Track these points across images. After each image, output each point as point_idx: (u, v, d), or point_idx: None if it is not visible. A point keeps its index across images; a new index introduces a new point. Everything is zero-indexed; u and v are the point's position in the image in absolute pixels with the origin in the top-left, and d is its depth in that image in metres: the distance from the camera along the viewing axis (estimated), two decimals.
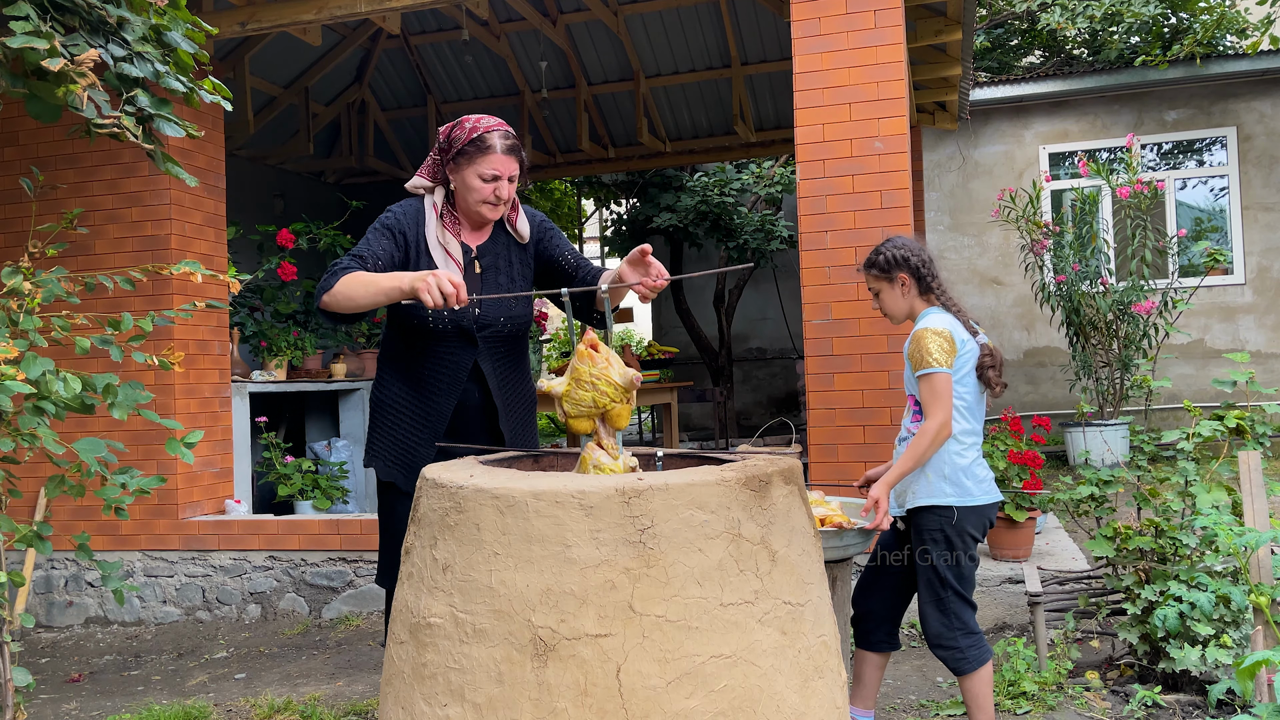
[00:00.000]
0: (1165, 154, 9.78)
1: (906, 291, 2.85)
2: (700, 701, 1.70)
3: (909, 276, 2.83)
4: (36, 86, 2.15)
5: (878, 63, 4.30)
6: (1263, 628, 2.92)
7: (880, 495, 2.62)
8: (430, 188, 2.73)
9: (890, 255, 2.84)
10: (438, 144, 2.70)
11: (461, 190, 2.64)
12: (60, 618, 5.29)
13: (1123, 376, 7.74)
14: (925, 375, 2.68)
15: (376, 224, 2.70)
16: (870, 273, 2.89)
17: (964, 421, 2.75)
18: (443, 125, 2.75)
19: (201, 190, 5.36)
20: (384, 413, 2.76)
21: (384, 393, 2.77)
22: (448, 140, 2.65)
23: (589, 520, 1.72)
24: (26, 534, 2.38)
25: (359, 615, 4.92)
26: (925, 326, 2.74)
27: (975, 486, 2.73)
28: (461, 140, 2.61)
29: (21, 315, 2.38)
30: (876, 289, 2.90)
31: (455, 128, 2.65)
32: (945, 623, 2.70)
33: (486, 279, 2.72)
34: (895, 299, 2.87)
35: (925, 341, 2.70)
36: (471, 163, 2.59)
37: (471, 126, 2.61)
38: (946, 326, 2.74)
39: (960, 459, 2.72)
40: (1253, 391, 3.51)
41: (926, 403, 2.68)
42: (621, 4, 7.90)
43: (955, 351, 2.70)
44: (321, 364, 6.71)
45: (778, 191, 10.78)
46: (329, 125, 9.28)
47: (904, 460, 2.67)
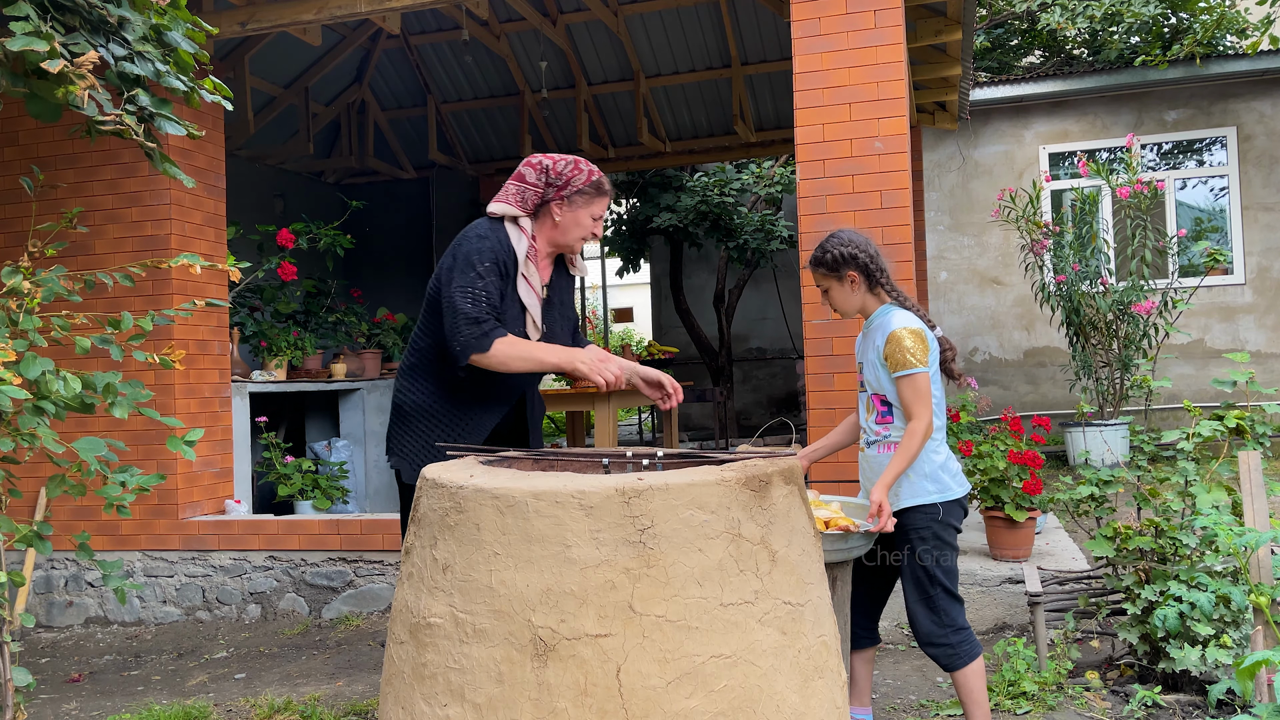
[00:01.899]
0: (1165, 154, 9.78)
1: (856, 288, 2.83)
2: (700, 701, 1.70)
3: (858, 274, 2.81)
4: (37, 86, 2.15)
5: (878, 63, 4.30)
6: (1263, 628, 2.92)
7: (882, 499, 2.63)
8: (516, 216, 2.85)
9: (837, 253, 2.81)
10: (541, 179, 2.83)
11: (567, 224, 2.84)
12: (60, 618, 5.29)
13: (1123, 376, 7.74)
14: (907, 376, 2.68)
15: (482, 259, 2.76)
16: (818, 271, 2.86)
17: (937, 418, 2.76)
18: (531, 157, 2.90)
19: (201, 190, 5.36)
20: (418, 418, 2.88)
21: (417, 397, 2.88)
22: (561, 178, 2.82)
23: (589, 520, 1.72)
24: (26, 534, 2.38)
25: (359, 615, 4.93)
26: (903, 327, 2.72)
27: (952, 480, 2.77)
28: (582, 181, 2.82)
29: (21, 315, 2.38)
30: (825, 287, 2.87)
31: (568, 168, 2.82)
32: (935, 620, 2.71)
33: (551, 310, 2.95)
34: (845, 296, 2.84)
35: (904, 342, 2.69)
36: (589, 204, 2.84)
37: (589, 170, 2.84)
38: (920, 326, 2.74)
39: (936, 456, 2.75)
40: (1253, 391, 3.51)
41: (909, 402, 2.68)
42: (621, 4, 7.90)
43: (929, 349, 2.72)
44: (321, 364, 6.71)
45: (778, 191, 10.78)
46: (329, 125, 9.28)
47: (897, 461, 2.68)
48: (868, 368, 2.83)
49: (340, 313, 7.45)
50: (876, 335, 2.79)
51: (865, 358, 2.86)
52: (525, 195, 2.85)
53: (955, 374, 2.86)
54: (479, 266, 2.72)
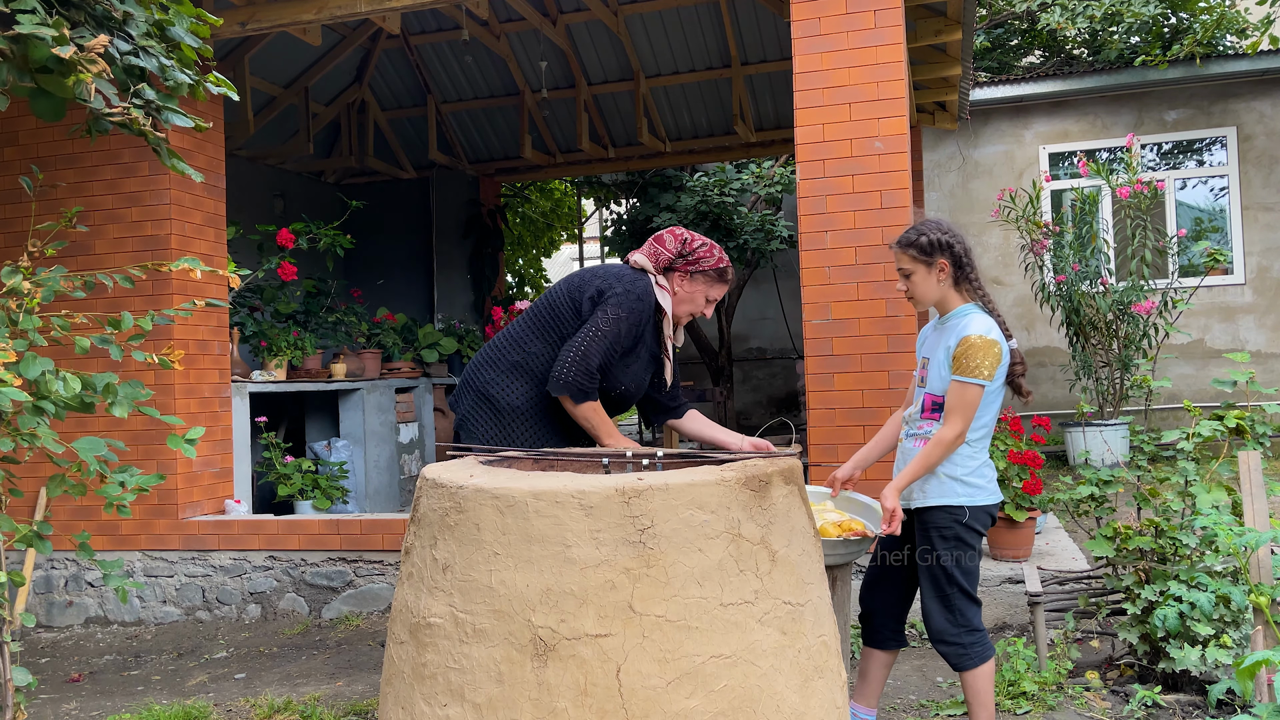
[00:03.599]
0: (1165, 154, 9.78)
1: (942, 278, 2.72)
2: (700, 701, 1.70)
3: (949, 263, 2.70)
4: (44, 80, 2.14)
5: (878, 63, 4.30)
6: (1263, 628, 2.92)
7: (894, 504, 2.61)
8: (653, 275, 3.07)
9: (934, 239, 2.69)
10: (676, 248, 3.07)
11: (684, 297, 3.09)
12: (60, 618, 5.28)
13: (1123, 376, 7.74)
14: (965, 383, 2.60)
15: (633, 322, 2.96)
16: (908, 252, 2.72)
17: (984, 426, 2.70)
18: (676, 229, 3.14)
19: (201, 190, 5.36)
20: (510, 415, 3.01)
21: (514, 398, 3.01)
22: (693, 254, 3.07)
23: (589, 520, 1.72)
24: (26, 534, 2.38)
25: (359, 615, 4.92)
26: (980, 334, 2.61)
27: (984, 486, 2.71)
28: (710, 264, 3.07)
29: (21, 315, 2.38)
30: (910, 270, 2.73)
31: (703, 248, 3.07)
32: (950, 619, 2.69)
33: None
34: (929, 285, 2.72)
35: (979, 352, 2.59)
36: (710, 285, 3.09)
37: (720, 256, 3.08)
38: (999, 339, 2.64)
39: (973, 460, 2.70)
40: (1253, 391, 3.51)
41: (951, 408, 2.62)
42: (621, 4, 7.89)
43: (999, 363, 2.62)
44: (321, 364, 6.71)
45: (778, 191, 10.78)
46: (329, 125, 9.28)
47: (916, 465, 2.65)
48: (933, 365, 2.72)
49: (340, 313, 7.46)
50: (951, 335, 2.69)
51: (932, 354, 2.75)
52: (659, 257, 3.07)
53: (1024, 391, 2.76)
54: (623, 326, 2.92)
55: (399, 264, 10.29)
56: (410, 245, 10.30)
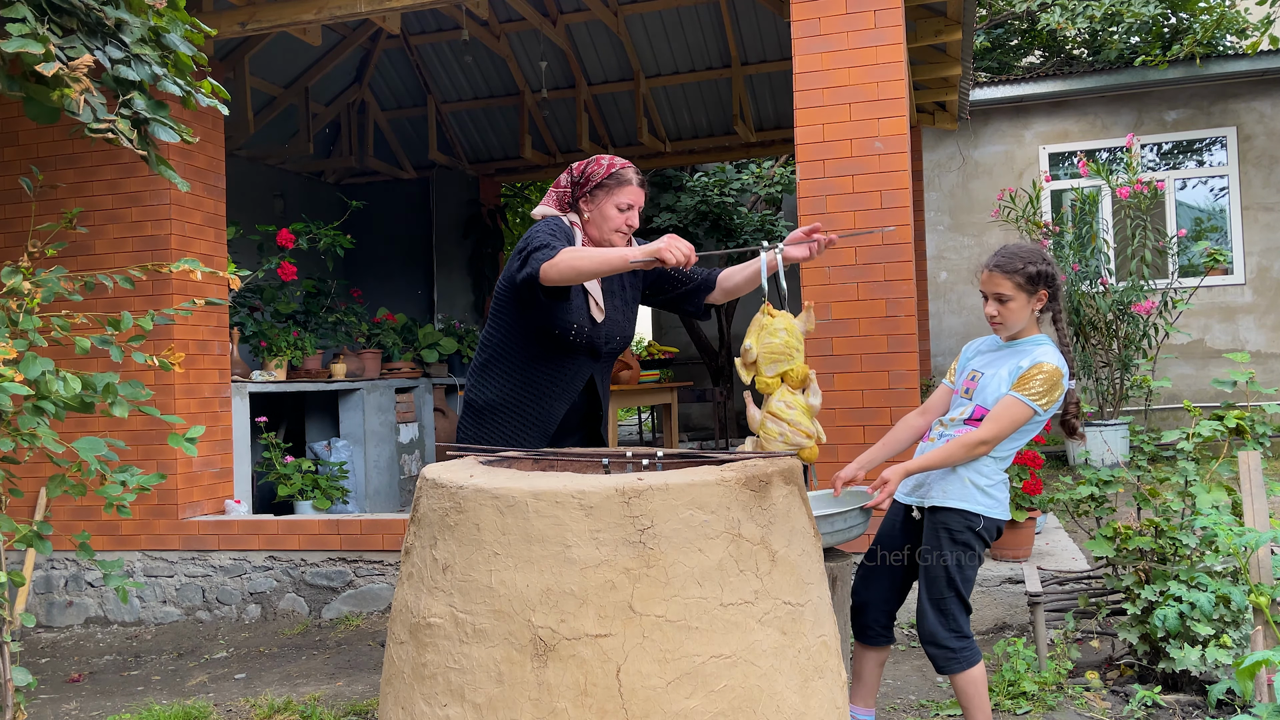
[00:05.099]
0: (1165, 154, 9.78)
1: (1037, 308, 2.74)
2: (700, 701, 1.70)
3: (1048, 297, 2.73)
4: (33, 89, 2.14)
5: (878, 63, 4.30)
6: (1263, 628, 2.92)
7: (893, 478, 2.62)
8: (554, 213, 2.91)
9: (1043, 269, 2.70)
10: (569, 180, 2.93)
11: (596, 219, 2.88)
12: (60, 618, 5.28)
13: (1123, 376, 7.74)
14: (1020, 401, 2.62)
15: (550, 230, 2.79)
16: (1012, 279, 2.71)
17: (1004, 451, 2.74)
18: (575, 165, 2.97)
19: (201, 190, 5.36)
20: (490, 413, 2.93)
21: (489, 394, 2.93)
22: (583, 175, 2.91)
23: (589, 520, 1.72)
24: (26, 534, 2.38)
25: (359, 615, 4.92)
26: (1054, 365, 2.63)
27: (1002, 500, 2.76)
28: (600, 174, 2.88)
29: (21, 315, 2.38)
30: (1008, 296, 2.71)
31: (590, 164, 2.91)
32: (942, 622, 2.71)
33: (613, 298, 2.99)
34: (1024, 313, 2.72)
35: (1047, 381, 2.61)
36: (610, 194, 2.87)
37: (609, 163, 2.89)
38: (1065, 376, 2.66)
39: (997, 474, 2.75)
40: (1253, 391, 3.51)
41: (995, 417, 2.63)
42: (621, 4, 7.90)
43: (1055, 401, 2.66)
44: (321, 364, 6.71)
45: (778, 191, 10.78)
46: (329, 125, 9.28)
47: (933, 456, 2.66)
48: (991, 380, 2.72)
49: (340, 313, 7.46)
50: (1022, 357, 2.69)
51: (992, 370, 2.75)
52: (560, 197, 2.94)
53: (1076, 430, 2.78)
54: (549, 236, 2.76)
55: (399, 264, 10.29)
56: (410, 245, 10.30)
